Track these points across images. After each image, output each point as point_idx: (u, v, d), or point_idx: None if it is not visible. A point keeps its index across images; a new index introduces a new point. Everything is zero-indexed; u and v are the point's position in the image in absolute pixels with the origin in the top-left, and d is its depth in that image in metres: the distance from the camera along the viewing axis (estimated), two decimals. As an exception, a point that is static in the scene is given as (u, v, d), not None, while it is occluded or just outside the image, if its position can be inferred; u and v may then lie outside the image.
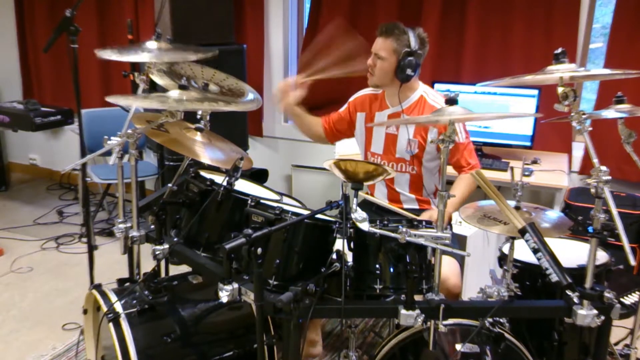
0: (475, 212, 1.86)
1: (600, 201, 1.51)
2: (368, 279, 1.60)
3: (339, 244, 1.61)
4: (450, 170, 2.38)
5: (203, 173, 1.89)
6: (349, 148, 3.29)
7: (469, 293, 2.47)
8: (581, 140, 3.29)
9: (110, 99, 1.64)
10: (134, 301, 1.85)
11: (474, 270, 2.58)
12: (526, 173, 2.83)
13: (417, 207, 2.40)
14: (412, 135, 2.30)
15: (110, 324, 1.76)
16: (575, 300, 1.53)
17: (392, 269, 1.59)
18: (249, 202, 1.68)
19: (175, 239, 1.82)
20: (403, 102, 2.30)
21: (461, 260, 2.22)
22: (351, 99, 2.49)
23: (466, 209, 1.90)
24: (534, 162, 2.58)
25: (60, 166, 4.95)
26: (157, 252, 1.80)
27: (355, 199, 1.51)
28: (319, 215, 1.61)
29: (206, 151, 1.84)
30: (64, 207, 4.40)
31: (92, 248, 2.64)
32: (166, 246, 1.81)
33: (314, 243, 1.65)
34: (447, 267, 2.09)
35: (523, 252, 1.87)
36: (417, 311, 1.50)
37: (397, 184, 2.38)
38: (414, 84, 2.31)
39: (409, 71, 2.19)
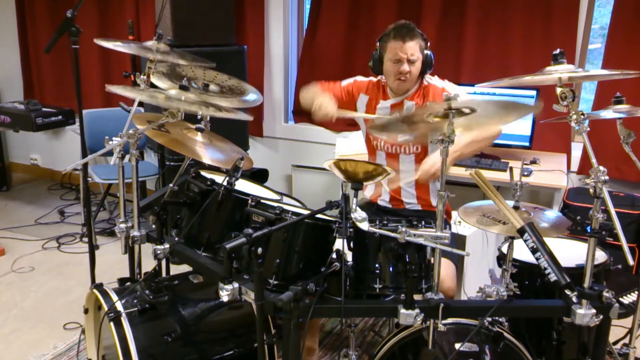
0: (475, 212, 1.87)
1: (599, 201, 1.51)
2: (368, 279, 1.61)
3: (339, 243, 1.62)
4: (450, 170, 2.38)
5: (204, 173, 1.90)
6: (349, 148, 3.30)
7: (468, 292, 2.48)
8: (580, 141, 3.30)
9: (110, 88, 1.65)
10: (135, 300, 1.86)
11: (473, 270, 2.59)
12: (525, 173, 2.83)
13: (419, 208, 2.40)
14: None
15: (112, 323, 1.77)
16: (574, 299, 1.53)
17: (391, 269, 1.60)
18: (250, 202, 1.69)
19: (176, 239, 1.83)
20: (406, 92, 2.30)
21: (458, 261, 2.22)
22: (359, 78, 2.46)
23: (466, 209, 1.91)
24: (533, 162, 2.59)
25: (62, 166, 4.97)
26: (158, 252, 1.81)
27: (355, 199, 1.52)
28: (319, 215, 1.62)
29: (207, 151, 1.85)
30: (65, 207, 4.41)
31: (93, 248, 2.65)
32: (167, 246, 1.82)
33: (314, 243, 1.66)
34: (443, 270, 2.08)
35: (522, 251, 1.88)
36: (417, 310, 1.51)
37: (402, 164, 2.36)
38: None
39: (431, 68, 2.24)
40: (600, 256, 1.97)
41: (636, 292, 2.15)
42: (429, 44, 2.22)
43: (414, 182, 2.36)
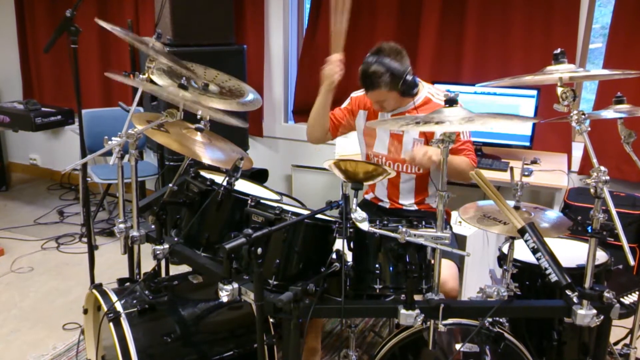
0: (475, 212, 1.86)
1: (600, 201, 1.51)
2: (368, 279, 1.61)
3: (339, 243, 1.61)
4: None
5: (203, 173, 1.89)
6: (349, 148, 3.30)
7: (469, 293, 2.47)
8: (580, 141, 3.29)
9: (109, 74, 1.64)
10: (134, 301, 1.85)
11: (474, 270, 2.58)
12: (526, 173, 2.83)
13: (415, 208, 2.40)
14: (417, 135, 2.29)
15: (111, 324, 1.76)
16: (575, 300, 1.53)
17: (391, 269, 1.59)
18: (249, 202, 1.69)
19: (175, 239, 1.83)
20: (409, 103, 2.28)
21: (461, 261, 2.22)
22: (353, 95, 2.46)
23: (466, 209, 1.90)
24: (534, 162, 2.58)
25: (61, 166, 4.96)
26: (158, 252, 1.80)
27: (355, 199, 1.52)
28: (319, 215, 1.61)
29: (206, 151, 1.84)
30: (64, 207, 4.40)
31: (92, 248, 2.65)
32: (166, 246, 1.81)
33: (314, 243, 1.65)
34: (446, 271, 2.08)
35: (522, 252, 1.87)
36: (417, 311, 1.51)
37: (402, 185, 2.37)
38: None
39: (414, 90, 2.16)
40: (601, 256, 1.96)
41: (637, 293, 2.15)
42: (407, 71, 2.11)
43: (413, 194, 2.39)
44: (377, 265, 1.60)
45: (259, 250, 1.42)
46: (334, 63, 2.30)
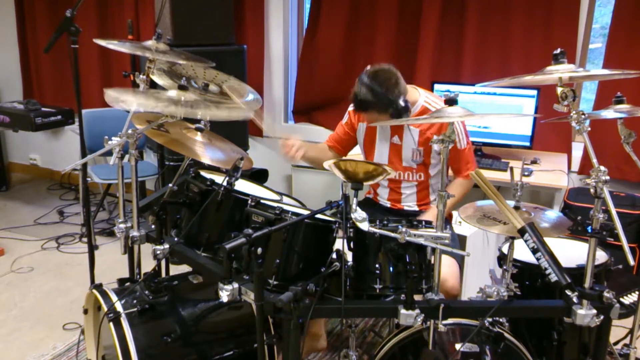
0: (475, 212, 1.86)
1: (600, 201, 1.51)
2: (368, 279, 1.61)
3: (339, 243, 1.61)
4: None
5: (203, 173, 1.89)
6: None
7: (469, 293, 2.47)
8: (580, 141, 3.29)
9: (108, 90, 1.65)
10: (135, 301, 1.85)
11: (474, 270, 2.58)
12: (526, 173, 2.84)
13: (416, 209, 2.40)
14: (416, 145, 2.29)
15: (111, 324, 1.76)
16: (575, 300, 1.53)
17: (392, 269, 1.59)
18: (249, 202, 1.68)
19: (175, 239, 1.83)
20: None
21: (461, 260, 2.22)
22: (350, 108, 2.44)
23: (466, 209, 1.90)
24: (534, 162, 2.59)
25: (61, 166, 4.96)
26: (158, 252, 1.80)
27: (355, 199, 1.52)
28: (319, 215, 1.61)
29: (206, 151, 1.84)
30: (64, 207, 4.40)
31: (92, 248, 2.65)
32: (166, 246, 1.81)
33: (314, 243, 1.65)
34: (447, 269, 2.09)
35: (522, 252, 1.87)
36: (417, 311, 1.51)
37: (404, 191, 2.37)
38: (414, 95, 2.28)
39: (406, 114, 2.10)
40: (601, 256, 1.96)
41: (637, 292, 2.15)
42: (398, 99, 2.07)
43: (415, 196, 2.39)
44: (377, 265, 1.60)
45: (259, 250, 1.42)
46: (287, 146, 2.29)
